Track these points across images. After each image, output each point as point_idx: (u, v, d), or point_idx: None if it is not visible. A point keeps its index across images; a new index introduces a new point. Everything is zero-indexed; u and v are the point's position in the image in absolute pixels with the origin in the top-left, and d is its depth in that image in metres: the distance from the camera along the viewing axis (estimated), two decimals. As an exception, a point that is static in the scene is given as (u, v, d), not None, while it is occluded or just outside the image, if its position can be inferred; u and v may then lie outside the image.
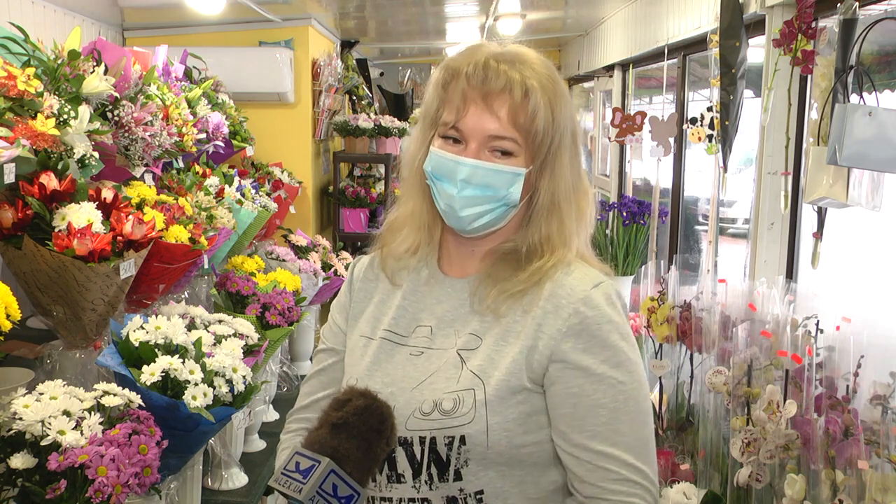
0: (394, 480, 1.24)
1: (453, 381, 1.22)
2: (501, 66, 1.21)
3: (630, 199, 4.36)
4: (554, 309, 1.22)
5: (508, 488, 1.23)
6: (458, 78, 1.23)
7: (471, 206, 1.24)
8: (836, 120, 2.12)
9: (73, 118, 1.80)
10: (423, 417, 1.21)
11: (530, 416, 1.22)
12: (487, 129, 1.22)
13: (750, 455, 2.00)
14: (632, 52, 4.80)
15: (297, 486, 1.06)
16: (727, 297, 2.53)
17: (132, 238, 1.81)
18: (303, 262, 3.10)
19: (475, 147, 1.22)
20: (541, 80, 1.23)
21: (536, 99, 1.21)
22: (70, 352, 1.90)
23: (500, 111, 1.21)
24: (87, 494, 1.34)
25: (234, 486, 2.21)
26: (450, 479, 1.21)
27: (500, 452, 1.21)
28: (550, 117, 1.22)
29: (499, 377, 1.20)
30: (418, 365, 1.27)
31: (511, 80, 1.21)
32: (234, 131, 3.33)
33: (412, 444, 1.22)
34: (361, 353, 1.33)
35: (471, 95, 1.22)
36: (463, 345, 1.25)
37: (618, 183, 5.63)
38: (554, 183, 1.26)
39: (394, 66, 7.81)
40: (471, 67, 1.22)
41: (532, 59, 1.25)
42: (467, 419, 1.19)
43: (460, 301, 1.30)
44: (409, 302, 1.34)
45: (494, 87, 1.21)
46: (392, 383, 1.26)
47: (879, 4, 2.36)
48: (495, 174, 1.23)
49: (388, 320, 1.34)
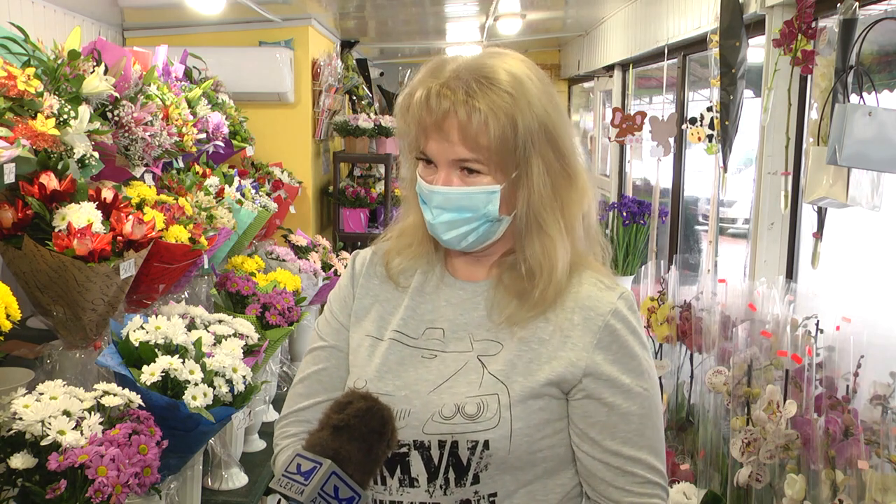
0: (406, 484, 1.23)
1: (475, 386, 1.22)
2: (444, 91, 1.17)
3: (630, 199, 4.36)
4: (583, 321, 1.23)
5: (520, 491, 1.23)
6: (413, 105, 1.21)
7: (451, 229, 1.23)
8: (836, 120, 2.12)
9: (73, 118, 1.80)
10: (444, 421, 1.21)
11: (549, 421, 1.23)
12: (448, 154, 1.20)
13: (750, 455, 2.00)
14: (632, 52, 4.80)
15: (299, 488, 1.06)
16: (727, 297, 2.54)
17: (132, 238, 1.81)
18: (303, 262, 3.10)
19: (444, 173, 1.21)
20: (493, 94, 1.17)
21: (482, 116, 1.16)
22: (70, 352, 1.90)
23: (452, 135, 1.18)
24: (87, 494, 1.34)
25: (234, 486, 2.21)
26: (467, 484, 1.21)
27: (519, 457, 1.21)
28: (510, 128, 1.17)
29: (523, 382, 1.21)
30: (432, 368, 1.26)
31: (455, 103, 1.16)
32: (234, 131, 3.33)
33: (430, 447, 1.21)
34: (369, 353, 1.31)
35: (425, 123, 1.20)
36: (482, 350, 1.25)
37: (618, 183, 5.63)
38: (529, 194, 1.21)
39: (394, 66, 7.81)
40: (417, 96, 1.20)
41: (492, 67, 1.19)
42: (492, 424, 1.19)
43: (473, 304, 1.29)
44: (416, 303, 1.32)
45: (439, 113, 1.18)
46: (405, 386, 1.25)
47: (879, 4, 2.36)
48: (467, 197, 1.21)
49: (397, 321, 1.32)
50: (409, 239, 1.35)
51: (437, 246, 1.33)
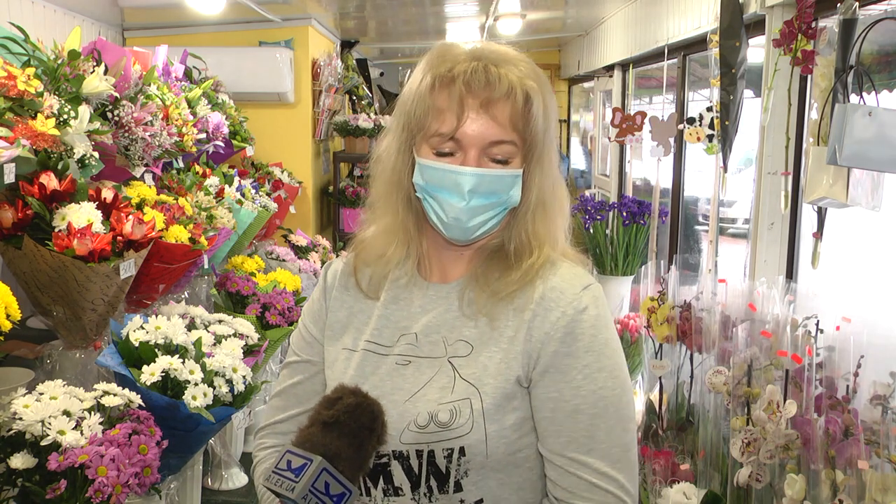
0: (391, 494, 1.22)
1: (447, 392, 1.20)
2: (501, 70, 1.17)
3: (630, 199, 4.36)
4: (543, 311, 1.20)
5: (507, 495, 1.22)
6: (453, 84, 1.17)
7: (477, 215, 1.21)
8: (836, 120, 2.12)
9: (73, 118, 1.80)
10: (420, 430, 1.19)
11: (526, 419, 1.21)
12: (489, 136, 1.18)
13: (750, 455, 2.00)
14: (632, 52, 4.80)
15: (290, 485, 1.06)
16: (727, 297, 2.53)
17: (132, 238, 1.81)
18: (303, 262, 3.10)
19: (475, 155, 1.18)
20: (536, 81, 1.20)
21: (538, 102, 1.19)
22: (70, 352, 1.90)
23: (502, 117, 1.18)
24: (87, 494, 1.34)
25: (234, 486, 2.21)
26: (450, 491, 1.20)
27: (499, 460, 1.19)
28: (542, 114, 1.20)
29: (494, 384, 1.19)
30: (407, 375, 1.24)
31: (512, 85, 1.17)
32: (234, 131, 3.33)
33: (408, 457, 1.20)
34: (344, 365, 1.29)
35: (469, 102, 1.17)
36: (453, 352, 1.23)
37: (618, 183, 5.63)
38: (542, 180, 1.24)
39: (394, 66, 7.82)
40: (469, 73, 1.17)
41: (517, 57, 1.22)
42: (465, 430, 1.18)
43: (446, 307, 1.27)
44: (390, 311, 1.30)
45: (497, 93, 1.17)
46: (381, 396, 1.21)
47: (879, 4, 2.36)
48: (498, 180, 1.20)
49: (370, 331, 1.30)
50: (380, 248, 1.31)
51: (413, 250, 1.30)
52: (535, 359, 1.19)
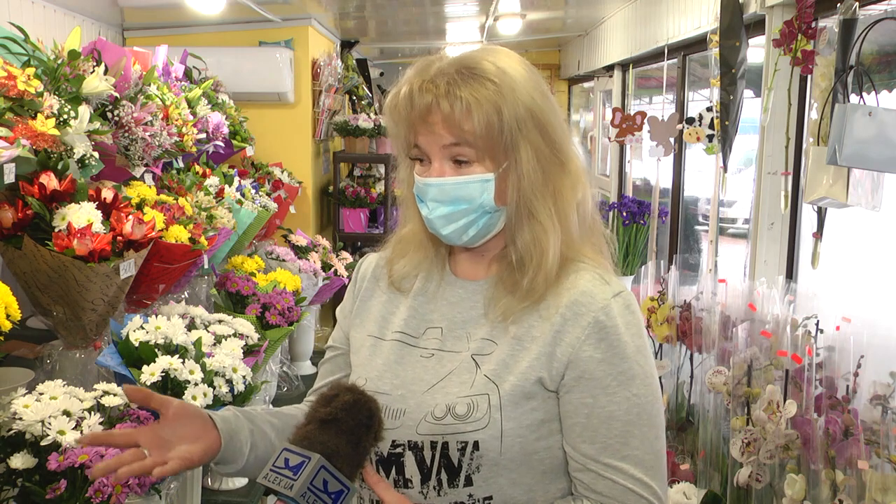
0: (400, 485, 1.23)
1: (467, 386, 1.21)
2: (426, 85, 1.19)
3: (630, 199, 4.36)
4: (574, 316, 1.20)
5: (518, 495, 1.22)
6: (398, 105, 1.22)
7: (449, 223, 1.22)
8: (836, 120, 2.12)
9: (73, 118, 1.80)
10: (436, 422, 1.20)
11: (544, 422, 1.21)
12: (437, 142, 1.20)
13: (750, 455, 2.00)
14: (632, 52, 4.81)
15: (288, 483, 1.06)
16: (727, 297, 2.54)
17: (132, 238, 1.81)
18: (303, 262, 3.10)
19: (437, 164, 1.21)
20: (476, 83, 1.18)
21: (464, 104, 1.17)
22: (70, 352, 1.90)
23: (437, 125, 1.19)
24: (87, 494, 1.34)
25: (234, 486, 2.21)
26: (460, 485, 1.20)
27: (513, 458, 1.20)
28: (494, 115, 1.17)
29: (513, 382, 1.19)
30: (429, 368, 1.26)
31: (437, 95, 1.18)
32: (234, 131, 3.33)
33: (423, 448, 1.21)
34: (370, 353, 1.32)
35: (412, 119, 1.21)
36: (477, 349, 1.24)
37: (618, 183, 5.63)
38: (519, 181, 1.21)
39: (394, 66, 7.81)
40: (402, 94, 1.21)
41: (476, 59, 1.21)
42: (481, 424, 1.18)
43: (472, 303, 1.28)
44: (419, 303, 1.33)
45: (422, 106, 1.19)
46: (402, 385, 1.25)
47: (879, 4, 2.36)
48: (461, 186, 1.20)
49: (399, 321, 1.32)
50: (408, 246, 1.36)
51: (439, 248, 1.33)
52: (565, 363, 1.19)
